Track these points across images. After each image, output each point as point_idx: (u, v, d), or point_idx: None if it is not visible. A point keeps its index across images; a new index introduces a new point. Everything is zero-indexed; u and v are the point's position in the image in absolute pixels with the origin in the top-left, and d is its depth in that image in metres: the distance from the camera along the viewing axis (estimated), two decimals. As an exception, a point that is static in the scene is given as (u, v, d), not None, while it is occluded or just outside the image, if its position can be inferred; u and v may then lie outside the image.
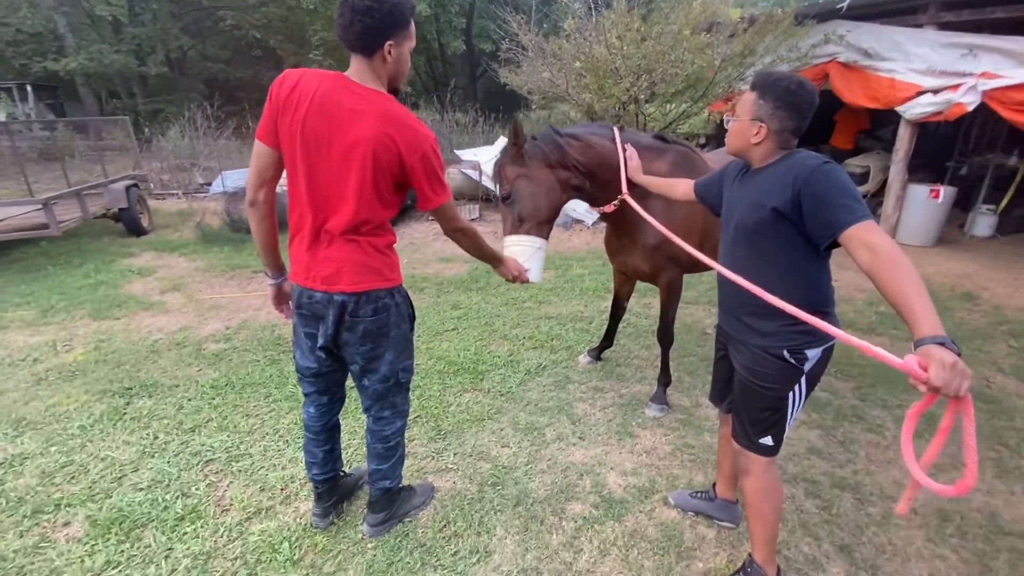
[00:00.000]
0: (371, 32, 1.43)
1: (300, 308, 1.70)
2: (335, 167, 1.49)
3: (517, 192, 2.25)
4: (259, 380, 3.07)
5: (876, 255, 1.18)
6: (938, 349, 0.99)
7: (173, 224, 6.80)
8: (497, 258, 1.99)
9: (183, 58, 17.81)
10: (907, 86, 5.67)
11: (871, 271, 1.19)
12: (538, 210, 2.27)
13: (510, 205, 2.27)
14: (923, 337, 1.03)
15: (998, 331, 4.00)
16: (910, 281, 1.12)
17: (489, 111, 12.05)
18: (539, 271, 2.26)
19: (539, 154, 2.28)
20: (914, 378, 0.99)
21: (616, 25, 6.32)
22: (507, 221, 2.29)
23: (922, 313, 1.06)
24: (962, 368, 0.96)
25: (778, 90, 1.45)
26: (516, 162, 2.27)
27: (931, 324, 1.04)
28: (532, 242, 2.24)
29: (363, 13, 1.40)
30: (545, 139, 2.32)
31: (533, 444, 2.57)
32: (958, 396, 0.96)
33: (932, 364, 0.96)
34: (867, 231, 1.23)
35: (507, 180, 2.27)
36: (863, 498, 2.28)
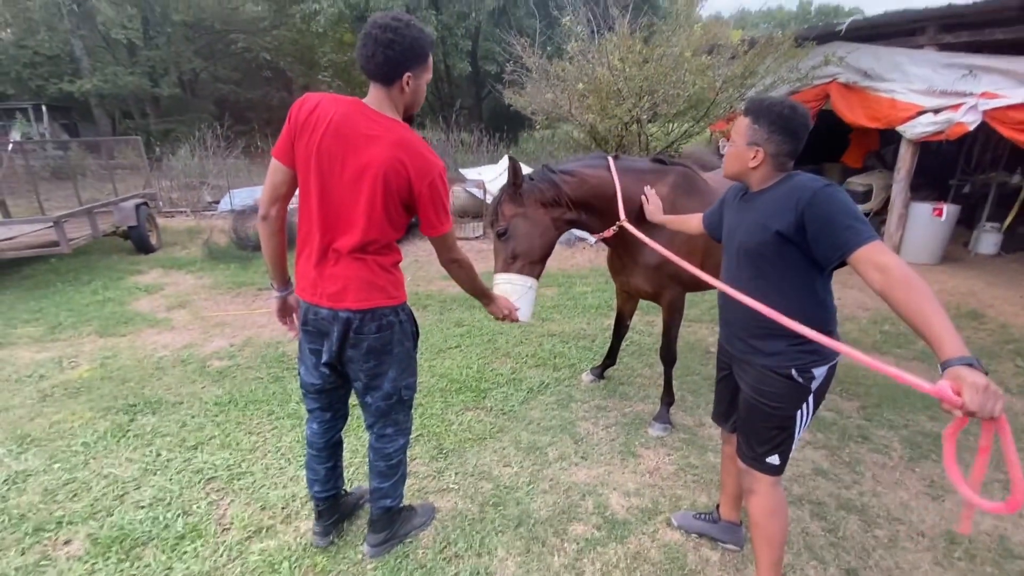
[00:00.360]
0: (391, 63, 1.49)
1: (306, 324, 1.74)
2: (347, 188, 1.54)
3: (513, 230, 2.31)
4: (262, 398, 3.08)
5: (889, 276, 1.19)
6: (969, 372, 0.99)
7: (181, 242, 6.89)
8: (488, 295, 2.02)
9: (195, 79, 18.26)
10: (907, 106, 5.73)
11: (885, 292, 1.20)
12: (532, 249, 2.33)
13: (505, 241, 2.32)
14: (950, 359, 1.03)
15: (1005, 350, 3.96)
16: (927, 301, 1.12)
17: (494, 131, 12.21)
18: (529, 310, 2.28)
19: (536, 193, 2.34)
20: (949, 403, 0.99)
21: (618, 48, 6.45)
22: (500, 257, 2.34)
23: (944, 334, 1.07)
24: (994, 390, 0.96)
25: (772, 115, 1.48)
26: (514, 200, 2.33)
27: (955, 345, 1.04)
28: (523, 281, 2.27)
29: (385, 45, 1.47)
30: (541, 178, 2.37)
31: (535, 464, 2.55)
32: (993, 417, 0.97)
33: (965, 388, 0.97)
34: (877, 252, 1.24)
35: (504, 217, 2.32)
36: (870, 520, 2.25)
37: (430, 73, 1.61)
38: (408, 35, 1.47)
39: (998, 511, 0.99)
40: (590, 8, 7.36)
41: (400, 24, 1.47)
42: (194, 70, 17.52)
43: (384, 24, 1.46)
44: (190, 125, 10.30)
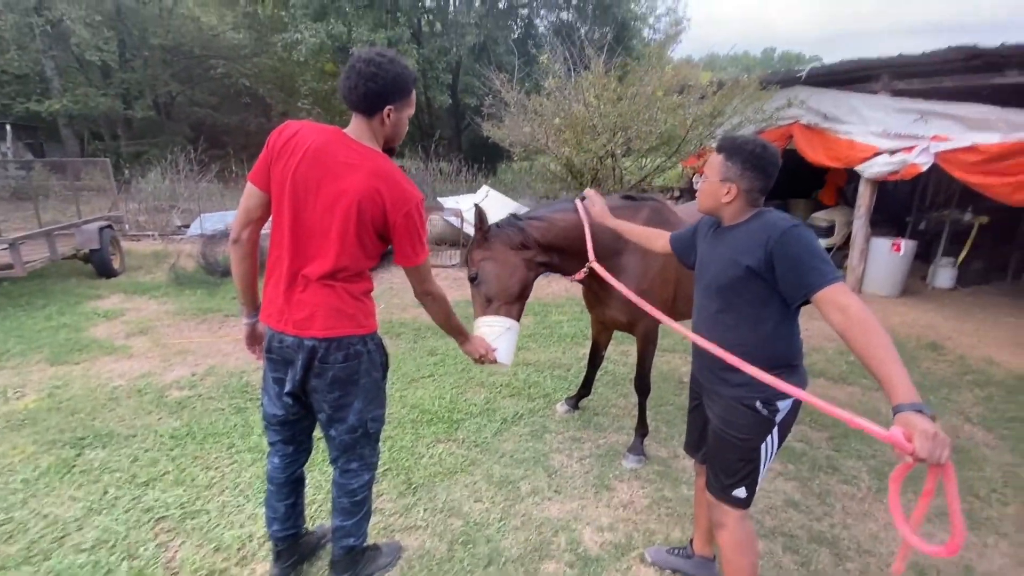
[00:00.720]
0: (372, 96, 1.51)
1: (270, 352, 1.69)
2: (321, 214, 1.53)
3: (483, 273, 2.32)
4: (222, 430, 2.94)
5: (848, 317, 1.26)
6: (919, 419, 1.04)
7: (146, 266, 6.66)
8: (463, 333, 1.98)
9: (171, 102, 18.08)
10: (865, 147, 6.05)
11: (844, 332, 1.27)
12: (504, 289, 2.33)
13: (478, 286, 2.33)
14: (901, 404, 1.09)
15: (963, 380, 4.10)
16: (883, 346, 1.18)
17: (473, 161, 12.38)
18: (509, 352, 2.22)
19: (502, 237, 2.37)
20: (900, 449, 1.03)
21: (594, 85, 6.68)
22: (477, 303, 2.34)
23: (897, 378, 1.13)
24: (943, 438, 1.01)
25: (744, 152, 1.54)
26: (481, 246, 2.36)
27: (906, 391, 1.10)
28: (501, 322, 2.25)
29: (368, 79, 1.49)
30: (506, 224, 2.42)
31: (507, 499, 2.48)
32: (939, 464, 1.01)
33: (916, 436, 1.02)
34: (838, 293, 1.31)
35: (473, 263, 2.35)
36: (841, 553, 2.24)
37: (412, 108, 1.63)
38: (391, 70, 1.50)
39: (938, 554, 1.02)
40: (567, 47, 7.64)
41: (384, 59, 1.50)
42: (170, 93, 17.34)
43: (368, 58, 1.49)
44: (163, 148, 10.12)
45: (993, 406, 3.67)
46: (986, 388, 3.95)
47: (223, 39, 17.77)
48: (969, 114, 5.38)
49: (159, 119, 17.45)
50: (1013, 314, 5.94)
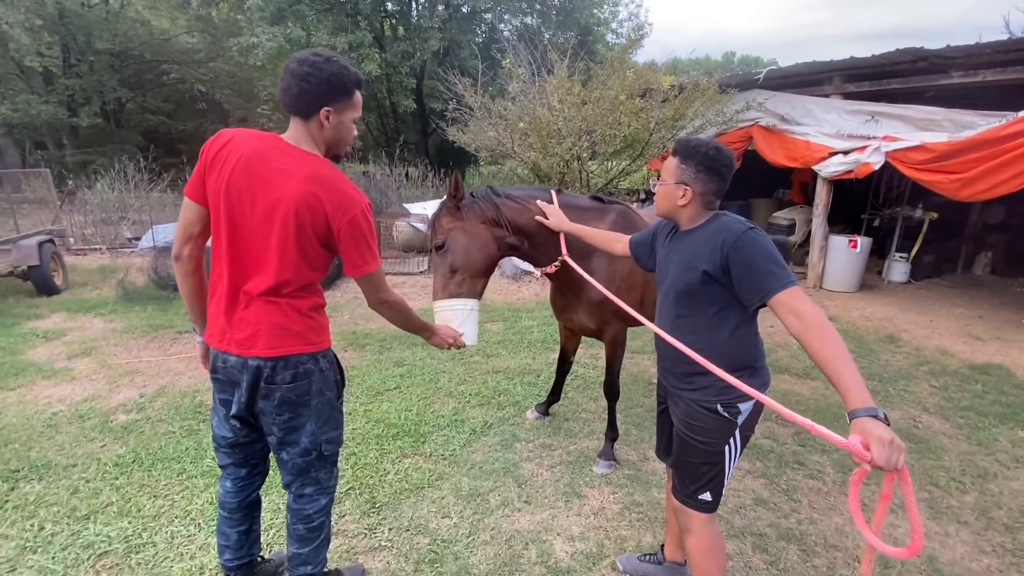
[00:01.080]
0: (307, 97, 1.43)
1: (215, 372, 1.59)
2: (258, 226, 1.44)
3: (452, 243, 2.24)
4: (173, 454, 2.77)
5: (804, 322, 1.27)
6: (875, 425, 1.05)
7: (92, 282, 6.30)
8: (427, 329, 1.91)
9: (120, 109, 17.31)
10: (821, 148, 6.25)
11: (800, 337, 1.28)
12: (471, 262, 2.25)
13: (443, 255, 2.24)
14: (856, 409, 1.10)
15: (920, 371, 4.24)
16: (837, 352, 1.20)
17: (439, 166, 12.27)
18: (474, 333, 2.19)
19: (476, 210, 2.30)
20: (859, 457, 1.04)
21: (558, 89, 6.69)
22: (439, 272, 2.25)
23: (852, 384, 1.14)
24: (898, 444, 1.02)
25: (698, 155, 1.54)
26: (452, 214, 2.27)
27: (861, 396, 1.12)
28: (463, 304, 2.20)
29: (301, 78, 1.41)
30: (483, 197, 2.34)
31: (476, 512, 2.41)
32: (896, 469, 1.02)
33: (873, 444, 1.02)
34: (793, 297, 1.31)
35: (442, 230, 2.26)
36: (808, 549, 2.25)
37: (357, 111, 1.54)
38: (326, 69, 1.42)
39: (900, 556, 1.04)
40: (531, 52, 7.64)
41: (319, 59, 1.42)
42: (119, 100, 16.59)
43: (301, 58, 1.43)
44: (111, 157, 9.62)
45: (948, 395, 3.79)
46: (941, 378, 4.09)
47: (175, 43, 17.13)
48: (917, 115, 5.62)
49: (108, 127, 16.69)
50: (963, 305, 6.21)
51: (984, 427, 3.34)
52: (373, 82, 12.88)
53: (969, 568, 2.18)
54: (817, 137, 6.34)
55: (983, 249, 7.83)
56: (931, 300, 6.41)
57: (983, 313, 5.90)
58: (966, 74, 5.30)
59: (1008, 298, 6.58)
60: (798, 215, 7.81)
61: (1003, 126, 4.78)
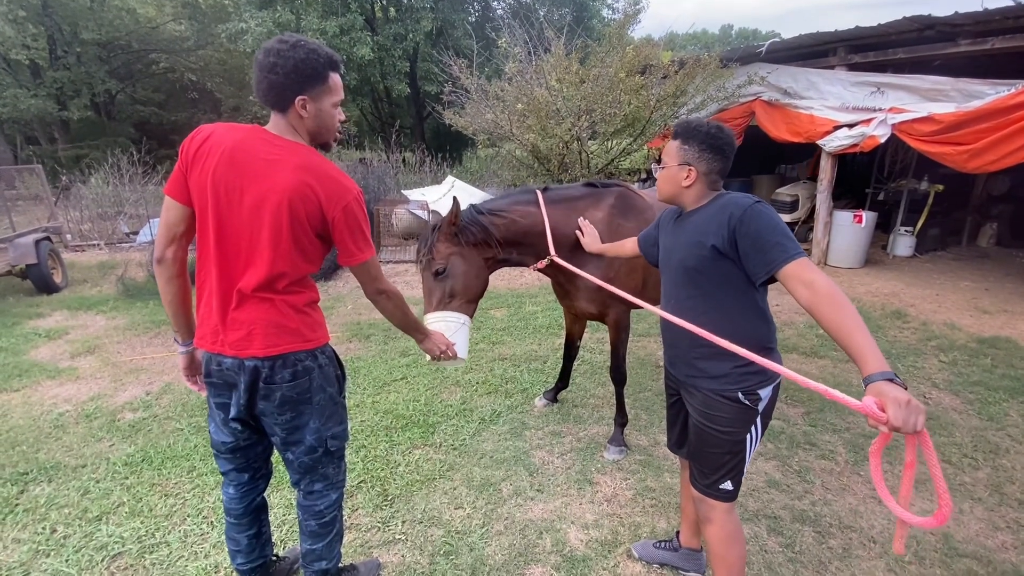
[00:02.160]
0: (277, 89, 1.37)
1: (209, 376, 1.54)
2: (246, 220, 1.39)
3: (452, 268, 2.23)
4: (182, 452, 2.76)
5: (815, 291, 1.23)
6: (891, 387, 1.02)
7: (92, 279, 6.25)
8: (421, 330, 1.87)
9: (111, 101, 17.03)
10: (825, 121, 6.12)
11: (811, 307, 1.24)
12: (470, 288, 2.26)
13: (442, 280, 2.22)
14: (872, 374, 1.07)
15: (928, 347, 4.21)
16: (851, 318, 1.17)
17: (436, 151, 12.12)
18: (465, 347, 2.18)
19: (468, 234, 2.27)
20: (875, 419, 1.00)
21: (555, 68, 6.55)
22: (434, 296, 2.23)
23: (867, 349, 1.11)
24: (916, 404, 0.99)
25: (700, 135, 1.52)
26: (451, 240, 2.25)
27: (877, 360, 1.08)
28: (456, 318, 2.17)
29: (268, 70, 1.35)
30: (470, 220, 2.30)
31: (489, 502, 2.40)
32: (916, 431, 0.98)
33: (889, 404, 0.99)
34: (803, 268, 1.28)
35: (441, 256, 2.23)
36: (823, 531, 2.25)
37: (336, 95, 1.47)
38: (292, 56, 1.34)
39: (928, 525, 1.01)
40: (526, 30, 7.46)
41: (284, 46, 1.35)
42: (109, 92, 16.29)
43: (268, 48, 1.36)
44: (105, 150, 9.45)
45: (958, 371, 3.77)
46: (950, 353, 4.06)
47: (163, 31, 16.78)
48: (924, 85, 5.48)
49: (99, 119, 16.44)
50: (969, 278, 6.16)
51: (994, 402, 3.33)
52: (366, 66, 12.64)
53: (984, 545, 2.18)
54: (821, 111, 6.21)
55: (988, 220, 7.75)
56: (937, 274, 6.36)
57: (989, 286, 5.86)
58: (974, 42, 5.15)
59: (1014, 269, 6.53)
60: (801, 191, 7.71)
61: (1012, 95, 4.66)
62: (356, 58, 11.81)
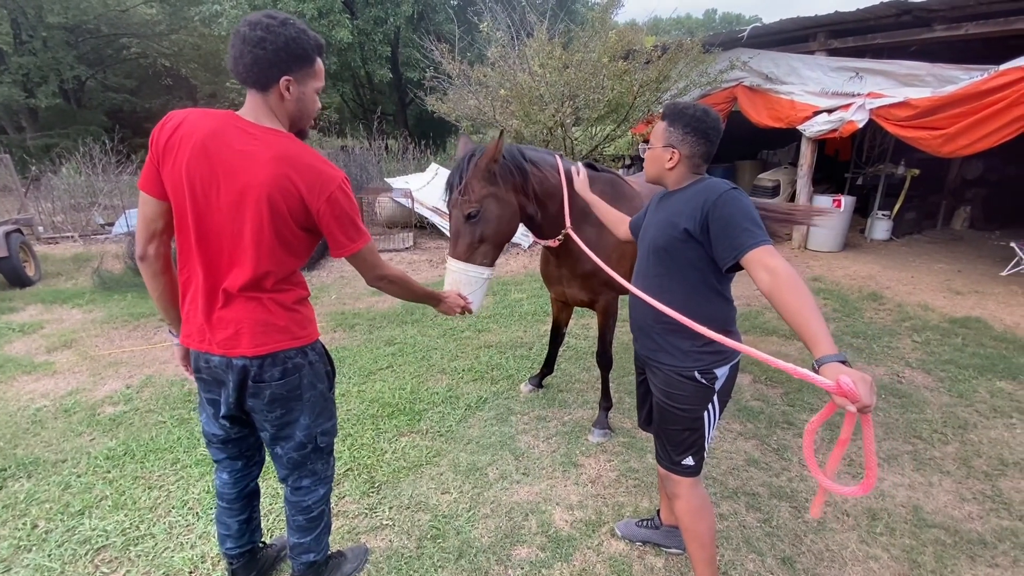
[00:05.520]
0: (263, 65, 1.30)
1: (198, 372, 1.52)
2: (227, 216, 1.33)
3: (486, 211, 2.08)
4: (165, 445, 2.74)
5: (775, 278, 1.27)
6: (851, 369, 1.07)
7: (66, 271, 6.09)
8: (434, 296, 1.85)
9: (80, 88, 16.46)
10: (805, 107, 6.19)
11: (771, 292, 1.29)
12: (501, 233, 2.15)
13: (474, 224, 2.08)
14: (825, 356, 1.13)
15: (903, 327, 4.33)
16: (807, 304, 1.22)
17: (420, 137, 11.97)
18: (481, 301, 2.15)
19: (508, 175, 2.16)
20: (850, 397, 1.04)
21: (538, 53, 6.49)
22: (463, 240, 2.09)
23: (820, 334, 1.17)
24: (872, 384, 1.05)
25: (686, 117, 1.54)
26: (488, 179, 2.09)
27: (829, 344, 1.15)
28: (479, 272, 2.09)
29: (254, 44, 1.27)
30: (512, 160, 2.19)
31: (475, 487, 2.43)
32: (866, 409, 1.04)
33: (859, 384, 1.03)
34: (767, 255, 1.32)
35: (475, 197, 2.05)
36: (799, 505, 2.32)
37: (320, 80, 1.42)
38: (283, 33, 1.28)
39: (852, 494, 1.08)
40: (508, 14, 7.37)
41: (274, 22, 1.28)
42: (78, 78, 15.74)
43: (255, 21, 1.28)
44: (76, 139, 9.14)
45: (930, 350, 3.89)
46: (923, 333, 4.18)
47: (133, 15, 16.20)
48: (901, 70, 5.56)
49: (69, 107, 15.90)
50: (943, 260, 6.33)
51: (964, 379, 3.44)
52: (346, 51, 12.39)
53: (952, 516, 2.27)
54: (802, 96, 6.27)
55: (962, 204, 7.94)
56: (912, 256, 6.51)
57: (962, 267, 6.03)
58: (949, 27, 5.23)
59: (986, 251, 6.71)
60: (783, 176, 7.81)
61: (985, 80, 4.75)
62: (335, 42, 11.56)
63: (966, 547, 2.10)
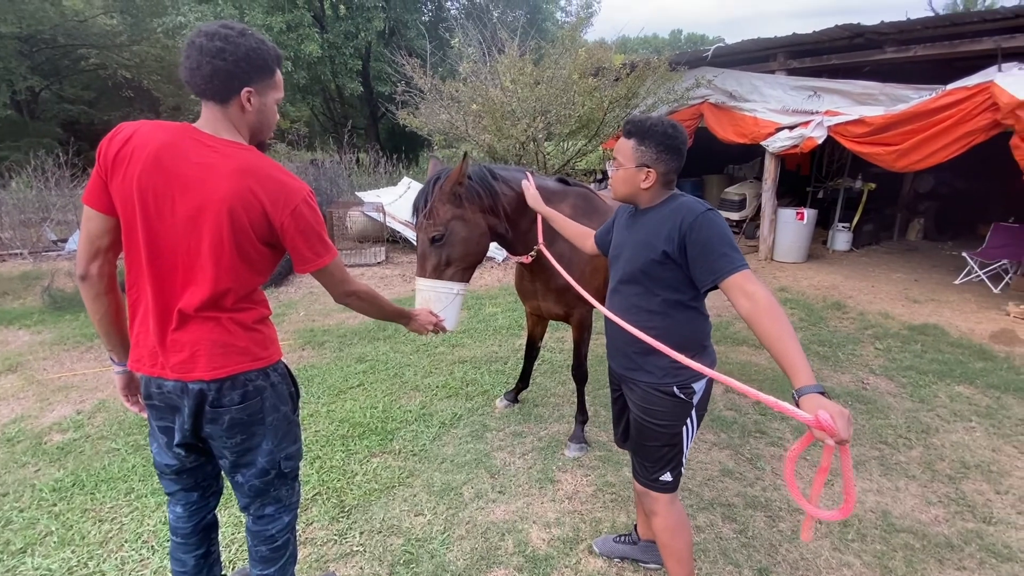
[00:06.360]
0: (222, 76, 1.25)
1: (150, 399, 1.42)
2: (181, 233, 1.26)
3: (451, 235, 2.08)
4: (118, 474, 2.58)
5: (755, 304, 1.30)
6: (829, 403, 1.10)
7: (14, 291, 5.74)
8: (404, 315, 1.80)
9: (33, 100, 15.78)
10: (768, 123, 6.42)
11: (750, 318, 1.31)
12: (469, 255, 2.14)
13: (439, 247, 2.08)
14: (805, 386, 1.15)
15: (865, 335, 4.47)
16: (786, 333, 1.24)
17: (392, 151, 11.90)
18: (456, 318, 2.11)
19: (475, 198, 2.15)
20: (827, 432, 1.06)
21: (510, 69, 6.55)
22: (429, 262, 2.08)
23: (800, 364, 1.19)
24: (851, 418, 1.09)
25: (657, 135, 1.51)
26: (452, 202, 2.09)
27: (808, 374, 1.17)
28: (449, 288, 2.06)
29: (213, 55, 1.22)
30: (481, 182, 2.18)
31: (450, 507, 2.36)
32: (844, 441, 1.06)
33: (837, 418, 1.06)
34: (746, 280, 1.34)
35: (440, 220, 2.07)
36: (774, 515, 2.34)
37: (280, 91, 1.38)
38: (243, 44, 1.24)
39: (833, 518, 1.12)
40: (479, 30, 7.43)
41: (232, 32, 1.24)
42: (32, 89, 15.10)
43: (211, 31, 1.23)
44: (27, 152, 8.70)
45: (892, 356, 4.02)
46: (884, 340, 4.33)
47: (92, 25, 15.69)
48: (855, 89, 5.84)
49: (20, 119, 15.19)
50: (901, 270, 6.60)
51: (924, 384, 3.56)
52: (316, 64, 12.28)
53: (919, 520, 2.32)
54: (764, 113, 6.50)
55: (916, 216, 8.33)
56: (872, 266, 6.77)
57: (918, 276, 6.29)
58: (899, 49, 5.53)
59: (939, 261, 7.03)
60: (748, 190, 8.05)
61: (933, 99, 5.02)
62: (304, 55, 11.45)
63: (934, 551, 2.15)
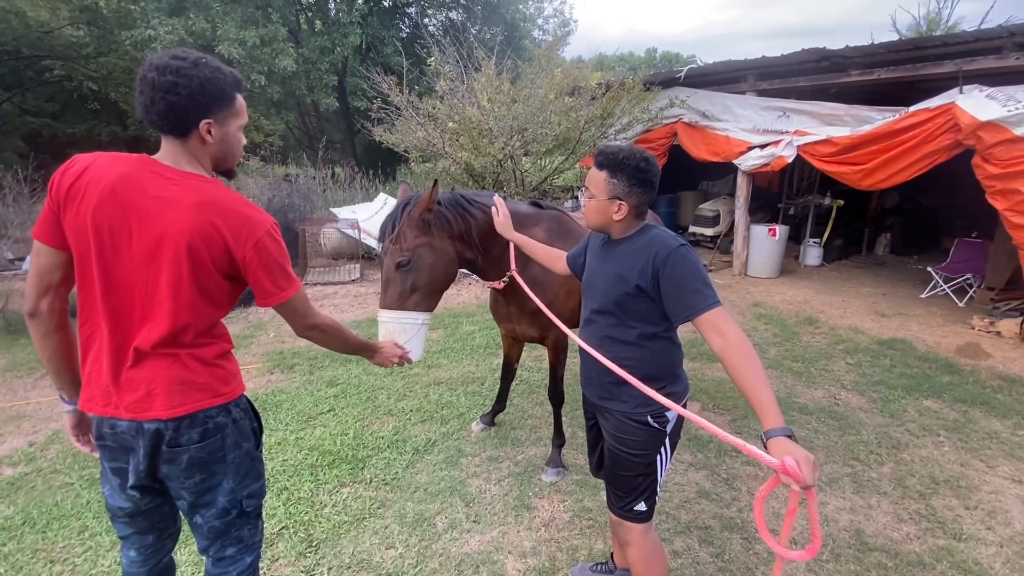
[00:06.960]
0: (178, 111, 1.21)
1: (101, 439, 1.34)
2: (138, 268, 1.22)
3: (418, 260, 2.04)
4: (71, 511, 2.44)
5: (727, 342, 1.32)
6: (796, 447, 1.12)
7: (-34, 312, 5.49)
8: (368, 348, 1.75)
9: (-5, 112, 15.24)
10: (740, 142, 6.58)
11: (722, 355, 1.33)
12: (435, 282, 2.11)
13: (405, 272, 2.04)
14: (773, 429, 1.18)
15: (836, 350, 4.55)
16: (757, 374, 1.27)
17: (368, 167, 11.82)
18: (421, 348, 2.07)
19: (444, 224, 2.12)
20: (793, 478, 1.08)
21: (486, 88, 6.59)
22: (393, 288, 2.04)
23: (769, 405, 1.21)
24: (816, 463, 1.11)
25: (629, 168, 1.51)
26: (421, 228, 2.06)
27: (776, 416, 1.20)
28: (413, 318, 2.03)
29: (166, 90, 1.18)
30: (452, 207, 2.16)
31: (423, 539, 2.29)
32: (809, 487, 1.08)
33: (804, 465, 1.08)
34: (719, 318, 1.37)
35: (407, 246, 2.04)
36: (750, 537, 2.33)
37: (243, 118, 1.34)
38: (196, 75, 1.20)
39: (801, 559, 1.13)
40: (456, 48, 7.48)
41: (183, 63, 1.20)
42: (-6, 101, 14.62)
43: (162, 65, 1.19)
44: (-15, 166, 8.36)
45: (862, 371, 4.10)
46: (855, 355, 4.41)
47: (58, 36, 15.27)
48: (823, 110, 6.04)
49: (-20, 132, 14.66)
50: (869, 284, 6.78)
51: (894, 399, 3.63)
52: (290, 79, 12.16)
53: (891, 538, 2.34)
54: (736, 132, 6.66)
55: (883, 231, 8.60)
56: (842, 281, 6.94)
57: (886, 291, 6.47)
58: (864, 72, 5.74)
59: (906, 275, 7.25)
60: (722, 206, 8.22)
61: (897, 120, 5.21)
62: (279, 70, 11.33)
63: (907, 569, 2.16)
